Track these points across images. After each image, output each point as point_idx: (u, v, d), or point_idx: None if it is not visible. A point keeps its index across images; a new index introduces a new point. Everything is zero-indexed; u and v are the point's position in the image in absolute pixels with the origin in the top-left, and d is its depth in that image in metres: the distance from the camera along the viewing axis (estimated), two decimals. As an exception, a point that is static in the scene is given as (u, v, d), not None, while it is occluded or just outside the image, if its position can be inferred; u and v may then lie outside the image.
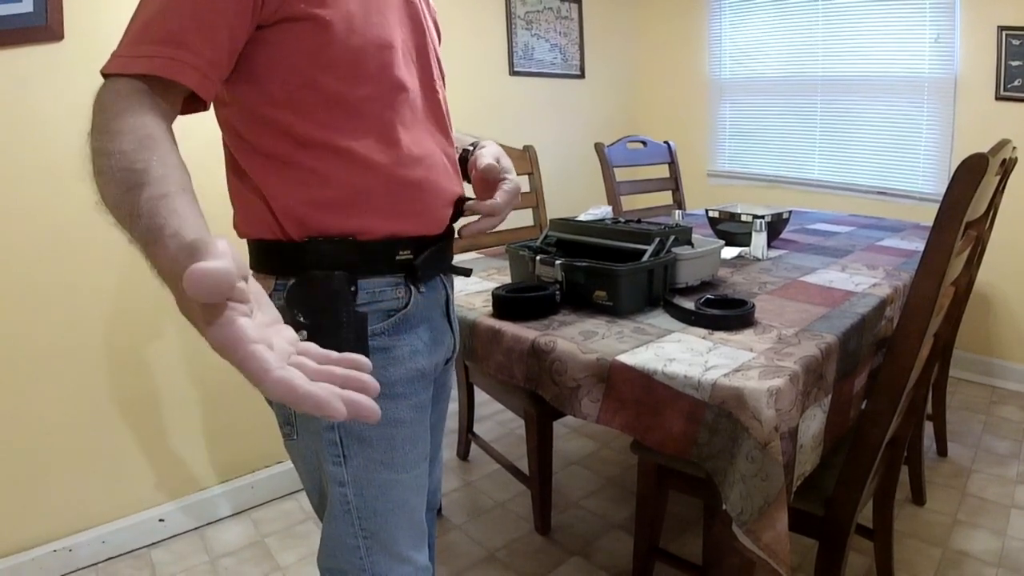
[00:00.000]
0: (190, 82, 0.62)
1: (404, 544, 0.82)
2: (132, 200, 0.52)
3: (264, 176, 0.74)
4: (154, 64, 0.60)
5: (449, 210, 0.85)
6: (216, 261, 0.39)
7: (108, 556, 1.71)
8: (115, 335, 1.69)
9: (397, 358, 0.79)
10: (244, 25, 0.66)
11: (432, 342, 0.85)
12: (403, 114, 0.78)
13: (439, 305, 0.88)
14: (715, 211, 1.95)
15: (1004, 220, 2.06)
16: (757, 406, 0.89)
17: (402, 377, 0.80)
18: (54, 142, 1.51)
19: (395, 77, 0.77)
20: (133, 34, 0.62)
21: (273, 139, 0.73)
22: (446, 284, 0.90)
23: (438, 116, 0.86)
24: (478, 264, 1.71)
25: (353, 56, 0.72)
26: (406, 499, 0.82)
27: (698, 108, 3.46)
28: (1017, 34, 2.42)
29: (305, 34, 0.69)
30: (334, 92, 0.72)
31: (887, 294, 1.35)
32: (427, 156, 0.81)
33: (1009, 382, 2.66)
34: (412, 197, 0.79)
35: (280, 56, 0.70)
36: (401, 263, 0.79)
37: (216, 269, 0.38)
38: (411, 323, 0.81)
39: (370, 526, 0.80)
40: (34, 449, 1.59)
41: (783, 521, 0.90)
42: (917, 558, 1.63)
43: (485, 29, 2.82)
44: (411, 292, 0.80)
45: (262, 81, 0.71)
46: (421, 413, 0.83)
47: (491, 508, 1.95)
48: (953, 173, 0.95)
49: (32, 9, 1.46)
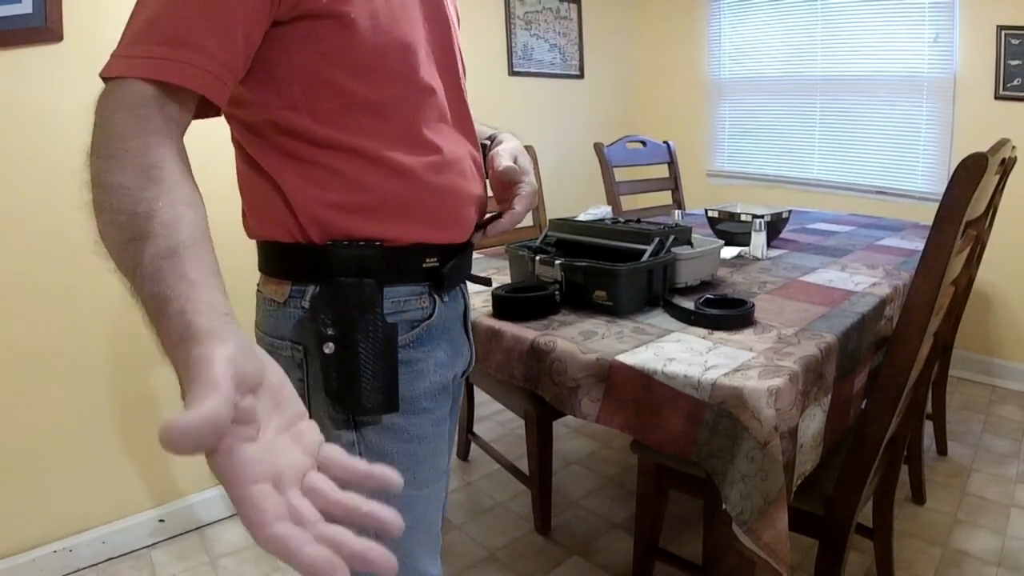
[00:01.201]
0: (203, 89, 0.55)
1: (422, 557, 0.80)
2: (135, 255, 0.46)
3: (283, 174, 0.68)
4: (162, 68, 0.53)
5: (475, 216, 0.80)
6: (202, 407, 0.33)
7: (108, 557, 1.71)
8: (115, 335, 1.69)
9: (422, 371, 0.75)
10: (260, 22, 0.59)
11: (453, 354, 0.81)
12: (429, 116, 0.73)
13: (459, 316, 0.83)
14: (714, 211, 1.95)
15: (1003, 219, 2.06)
16: (757, 406, 0.89)
17: (426, 391, 0.75)
18: (54, 142, 1.51)
19: (421, 78, 0.72)
20: (136, 31, 0.54)
21: (292, 140, 0.68)
22: (465, 294, 0.86)
23: (464, 116, 0.81)
24: (478, 264, 1.71)
25: (377, 56, 0.67)
26: (424, 513, 0.79)
27: (698, 108, 3.46)
28: (1016, 33, 2.42)
29: (326, 32, 0.63)
30: (358, 95, 0.67)
31: (887, 293, 1.36)
32: (456, 161, 0.76)
33: (1009, 381, 2.66)
34: (440, 203, 0.74)
35: (298, 56, 0.64)
36: (428, 271, 0.74)
37: (197, 427, 0.32)
38: (434, 335, 0.77)
39: (389, 544, 0.78)
40: (34, 449, 1.59)
41: (783, 520, 0.90)
42: (917, 557, 1.63)
43: (484, 29, 2.83)
44: (435, 302, 0.76)
45: (279, 83, 0.65)
46: (442, 427, 0.80)
47: (491, 508, 1.95)
48: (953, 172, 0.95)
49: (32, 10, 1.46)
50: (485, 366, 1.24)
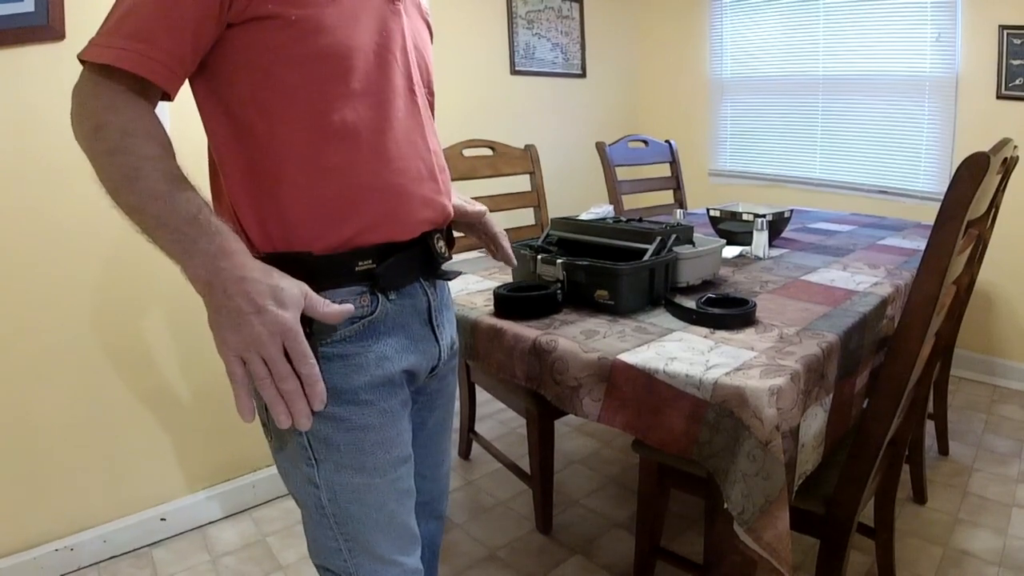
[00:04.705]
0: (156, 78, 0.66)
1: (387, 548, 0.81)
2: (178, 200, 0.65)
3: (234, 193, 0.75)
4: (121, 57, 0.64)
5: (425, 215, 0.83)
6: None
7: (109, 555, 1.71)
8: (116, 335, 1.69)
9: (361, 365, 0.77)
10: (210, 21, 0.67)
11: (404, 350, 0.82)
12: (370, 118, 0.77)
13: (418, 312, 0.85)
14: (716, 210, 1.95)
15: (1005, 219, 2.06)
16: (758, 405, 0.89)
17: (366, 384, 0.78)
18: (54, 142, 1.51)
19: (364, 80, 0.76)
20: (110, 25, 0.66)
21: (242, 149, 0.73)
22: (428, 291, 0.87)
23: (417, 121, 0.84)
24: (478, 264, 1.71)
25: (319, 55, 0.72)
26: (383, 503, 0.80)
27: (699, 107, 3.46)
28: (1018, 33, 2.42)
29: (271, 32, 0.70)
30: (299, 91, 0.72)
31: (888, 293, 1.35)
32: (395, 160, 0.79)
33: (1011, 381, 2.66)
34: (375, 202, 0.77)
35: (247, 53, 0.71)
36: (361, 273, 0.77)
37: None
38: (380, 330, 0.79)
39: (348, 530, 0.79)
40: (35, 448, 1.59)
41: (784, 520, 0.90)
42: (918, 557, 1.63)
43: (486, 29, 2.82)
44: (378, 299, 0.79)
45: (232, 80, 0.72)
46: (392, 418, 0.81)
47: (492, 507, 1.96)
48: (954, 172, 0.95)
49: (33, 9, 1.46)
50: (486, 365, 1.24)
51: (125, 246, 1.64)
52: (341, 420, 0.77)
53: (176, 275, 0.67)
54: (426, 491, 0.97)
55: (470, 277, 1.56)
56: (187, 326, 1.78)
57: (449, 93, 0.93)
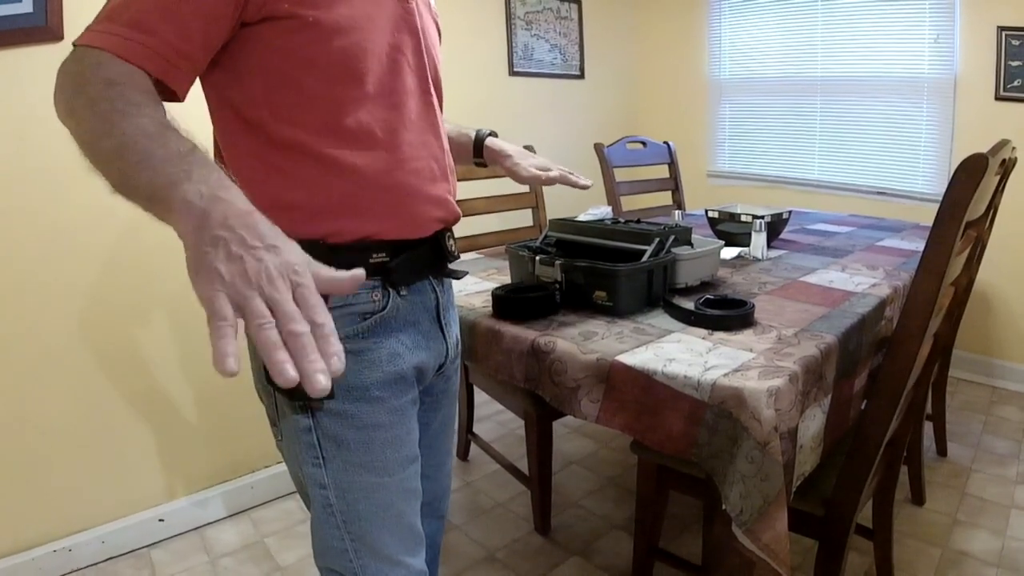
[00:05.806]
0: (150, 67, 0.62)
1: (394, 548, 0.81)
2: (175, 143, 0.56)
3: (245, 171, 0.73)
4: (114, 42, 0.61)
5: (437, 214, 0.84)
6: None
7: (108, 556, 1.71)
8: (114, 336, 1.69)
9: (373, 361, 0.77)
10: (223, 19, 0.65)
11: (416, 346, 0.83)
12: (385, 117, 0.77)
13: (428, 309, 0.86)
14: (715, 211, 1.95)
15: (1004, 220, 2.06)
16: (757, 406, 0.89)
17: (378, 381, 0.78)
18: (53, 143, 1.51)
19: (378, 82, 0.76)
20: (107, 12, 0.64)
21: (252, 141, 0.73)
22: (437, 289, 0.88)
23: (430, 120, 0.84)
24: (478, 264, 1.71)
25: (335, 57, 0.71)
26: (391, 502, 0.80)
27: (698, 108, 3.46)
28: (1017, 34, 2.42)
29: (287, 32, 0.69)
30: (314, 93, 0.72)
31: (887, 294, 1.36)
32: (409, 160, 0.79)
33: (1009, 382, 2.66)
34: (389, 200, 0.78)
35: (262, 54, 0.70)
36: (375, 266, 0.77)
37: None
38: (391, 326, 0.79)
39: (355, 530, 0.78)
40: (34, 449, 1.59)
41: (783, 521, 0.90)
42: (917, 558, 1.63)
43: (484, 29, 2.82)
44: (389, 295, 0.79)
45: (244, 80, 0.71)
46: (402, 416, 0.81)
47: (491, 508, 1.95)
48: (953, 173, 0.95)
49: (32, 9, 1.46)
50: (485, 366, 1.24)
51: (125, 248, 1.64)
52: (351, 417, 0.76)
53: (176, 275, 0.67)
54: (428, 491, 0.97)
55: (468, 278, 1.56)
56: (186, 327, 1.77)
57: (448, 94, 0.94)
